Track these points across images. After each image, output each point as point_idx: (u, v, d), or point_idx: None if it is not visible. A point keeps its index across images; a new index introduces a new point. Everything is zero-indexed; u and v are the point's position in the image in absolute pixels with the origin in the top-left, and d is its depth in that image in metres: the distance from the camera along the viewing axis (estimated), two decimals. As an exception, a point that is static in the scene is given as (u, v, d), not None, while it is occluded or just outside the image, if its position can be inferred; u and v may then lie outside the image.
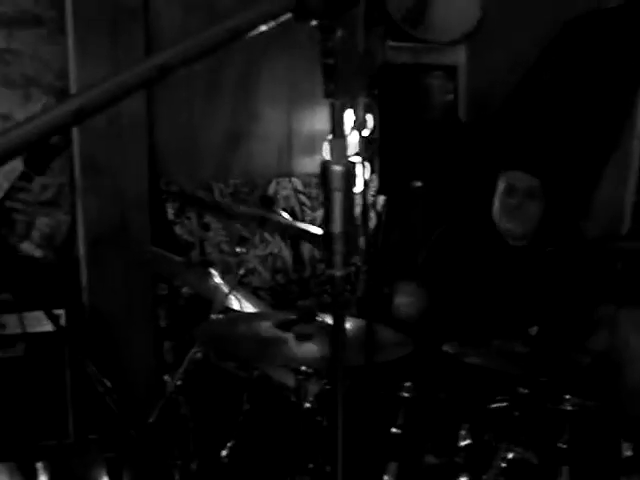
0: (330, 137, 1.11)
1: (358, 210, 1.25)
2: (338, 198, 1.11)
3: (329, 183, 1.11)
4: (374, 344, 2.01)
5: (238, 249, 3.23)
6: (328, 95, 1.09)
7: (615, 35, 3.85)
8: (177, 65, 0.98)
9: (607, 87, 3.85)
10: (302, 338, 1.95)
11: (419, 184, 3.80)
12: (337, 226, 1.12)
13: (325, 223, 1.14)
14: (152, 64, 0.98)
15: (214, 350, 2.55)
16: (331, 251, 1.14)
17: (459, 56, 4.25)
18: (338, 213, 1.11)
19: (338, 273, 1.16)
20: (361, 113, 2.77)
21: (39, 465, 3.03)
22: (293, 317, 2.04)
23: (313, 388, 2.32)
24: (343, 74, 1.09)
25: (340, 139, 1.11)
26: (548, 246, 3.03)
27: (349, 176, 1.11)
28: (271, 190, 3.88)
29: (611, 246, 2.79)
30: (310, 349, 2.04)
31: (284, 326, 2.00)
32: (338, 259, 1.14)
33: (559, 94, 3.97)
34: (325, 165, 1.11)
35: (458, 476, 2.20)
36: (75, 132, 3.42)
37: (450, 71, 4.13)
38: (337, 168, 1.10)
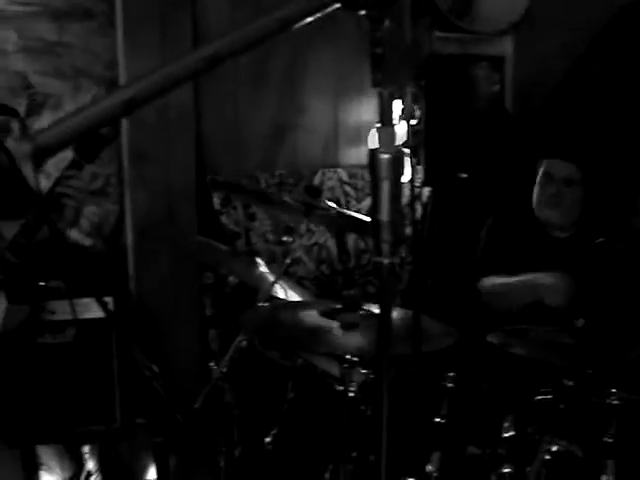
0: (378, 126, 1.12)
1: (405, 199, 1.26)
2: (386, 186, 1.12)
3: (377, 171, 1.12)
4: (420, 334, 2.01)
5: (284, 238, 3.25)
6: (376, 84, 1.10)
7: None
8: (225, 56, 1.00)
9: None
10: (347, 327, 1.97)
11: (465, 175, 3.78)
12: (385, 214, 1.13)
13: (373, 211, 1.15)
14: (201, 55, 0.99)
15: (259, 338, 2.57)
16: (378, 239, 1.15)
17: (506, 46, 4.21)
18: (386, 201, 1.12)
19: (385, 261, 1.17)
20: (409, 103, 2.76)
21: (87, 449, 3.10)
22: (338, 306, 2.06)
23: (358, 377, 2.33)
24: (391, 64, 1.09)
25: (388, 128, 1.11)
26: (596, 237, 2.99)
27: (397, 164, 1.12)
28: (317, 181, 3.90)
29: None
30: (355, 338, 2.05)
31: (329, 315, 2.02)
32: (385, 247, 1.15)
33: (608, 85, 3.91)
34: (373, 153, 1.12)
35: (501, 467, 2.19)
36: (124, 123, 3.47)
37: (497, 62, 4.10)
38: (385, 156, 1.11)
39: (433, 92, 3.82)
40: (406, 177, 3.69)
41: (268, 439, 2.67)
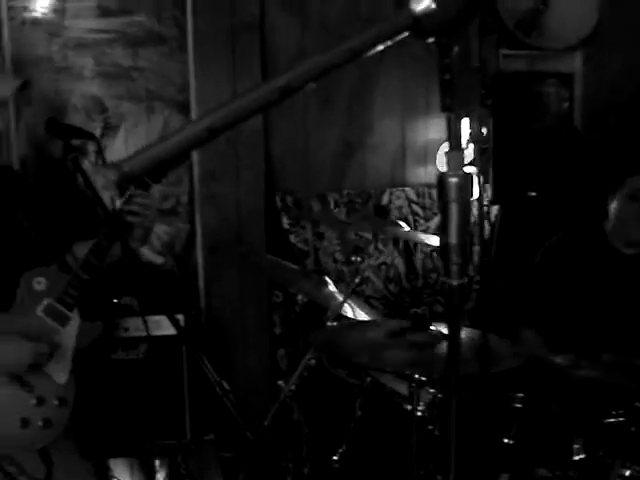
0: (446, 149, 1.13)
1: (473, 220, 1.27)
2: (454, 209, 1.13)
3: (445, 195, 1.13)
4: (489, 354, 2.01)
5: (353, 258, 3.27)
6: (445, 109, 1.12)
7: None
8: (297, 87, 1.02)
9: None
10: (415, 346, 1.98)
11: (533, 194, 3.75)
12: (453, 237, 1.15)
13: (441, 234, 1.17)
14: (273, 86, 1.02)
15: (327, 357, 2.59)
16: (447, 261, 1.16)
17: (575, 63, 4.17)
18: (454, 224, 1.14)
19: (454, 283, 1.18)
20: (476, 125, 2.77)
21: (157, 462, 3.16)
22: (406, 325, 2.07)
23: (425, 396, 2.34)
24: (458, 88, 1.11)
25: (456, 151, 1.13)
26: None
27: (465, 188, 1.14)
28: (385, 200, 3.91)
29: None
30: (424, 357, 2.06)
31: (397, 334, 2.03)
32: (454, 269, 1.16)
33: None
34: (441, 177, 1.13)
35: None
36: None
37: (565, 78, 4.06)
38: (453, 180, 1.12)
39: (500, 110, 3.81)
40: (474, 196, 3.66)
41: (336, 457, 2.69)
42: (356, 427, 2.69)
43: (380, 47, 1.04)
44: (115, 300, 3.09)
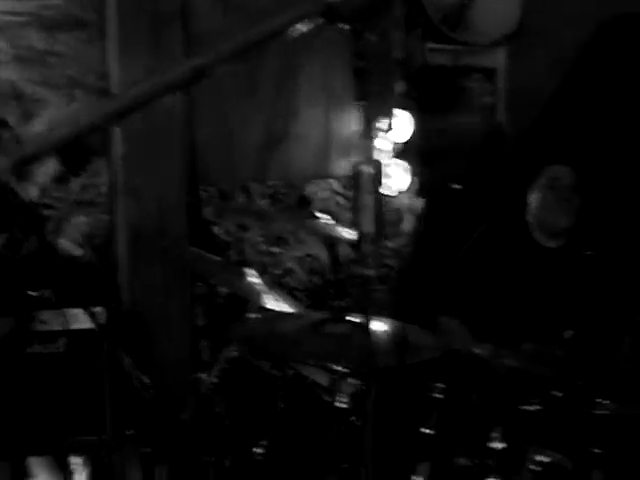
0: (360, 139, 1.12)
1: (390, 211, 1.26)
2: (368, 199, 1.12)
3: (359, 184, 1.12)
4: (406, 345, 2.01)
5: (274, 249, 3.25)
6: (359, 98, 1.10)
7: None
8: (215, 65, 1.00)
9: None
10: (334, 337, 1.96)
11: (458, 187, 3.79)
12: (367, 226, 1.13)
13: (356, 224, 1.15)
14: (190, 65, 1.00)
15: (249, 349, 2.57)
16: (362, 251, 1.15)
17: (498, 58, 4.22)
18: (368, 214, 1.13)
19: (369, 273, 1.17)
20: (393, 116, 2.78)
21: (76, 460, 3.08)
22: (325, 317, 2.06)
23: (347, 388, 2.33)
24: (374, 77, 1.10)
25: (370, 141, 1.12)
26: (585, 249, 3.01)
27: (379, 177, 1.13)
28: (309, 191, 3.90)
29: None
30: (343, 348, 2.04)
31: (317, 326, 2.02)
32: (369, 259, 1.15)
33: (599, 96, 3.92)
34: (355, 167, 1.12)
35: (489, 478, 2.19)
36: (115, 135, 3.47)
37: (489, 73, 4.11)
38: (367, 169, 1.11)
39: (425, 104, 3.83)
40: (399, 188, 3.71)
41: (258, 450, 2.67)
42: (278, 419, 2.68)
43: (295, 29, 1.02)
44: (32, 293, 3.00)
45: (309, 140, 3.93)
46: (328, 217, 2.76)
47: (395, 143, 3.76)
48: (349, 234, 2.83)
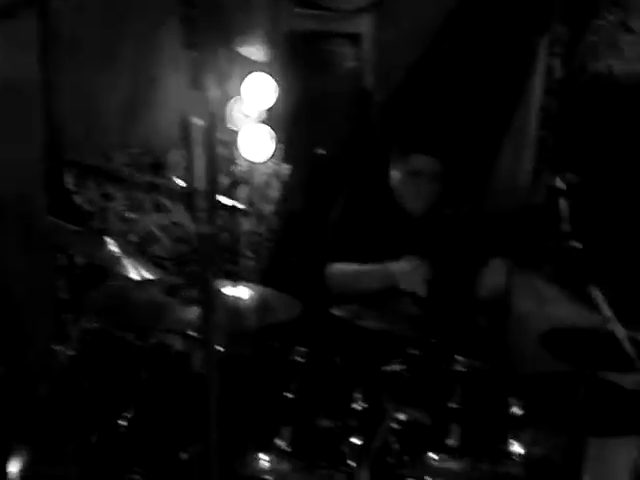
0: (189, 90, 1.08)
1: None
2: (199, 154, 1.08)
3: (190, 139, 1.08)
4: (264, 309, 2.00)
5: (128, 215, 3.17)
6: (187, 47, 1.06)
7: (509, 10, 3.88)
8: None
9: (503, 57, 3.90)
10: (188, 302, 1.93)
11: (322, 152, 3.79)
12: (200, 182, 1.10)
13: (188, 180, 1.12)
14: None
15: (106, 319, 2.49)
16: (194, 208, 1.12)
17: (365, 24, 4.22)
18: (200, 169, 1.09)
19: (204, 230, 1.14)
20: (224, 67, 2.73)
21: None
22: (181, 282, 2.02)
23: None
24: (204, 26, 1.06)
25: (200, 92, 1.08)
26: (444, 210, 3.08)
27: (211, 131, 1.09)
28: (171, 159, 3.80)
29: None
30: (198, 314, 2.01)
31: (172, 292, 1.97)
32: (202, 216, 1.12)
33: (459, 65, 4.00)
34: (185, 119, 1.08)
35: (351, 438, 2.21)
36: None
37: (355, 39, 4.10)
38: (197, 122, 1.07)
39: (291, 69, 3.80)
40: (264, 155, 3.65)
41: (122, 422, 2.61)
42: (142, 390, 2.62)
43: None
44: None
45: (170, 107, 3.82)
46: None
47: (259, 109, 3.72)
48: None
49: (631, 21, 3.07)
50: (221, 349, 2.30)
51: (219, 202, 0.98)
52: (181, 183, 2.61)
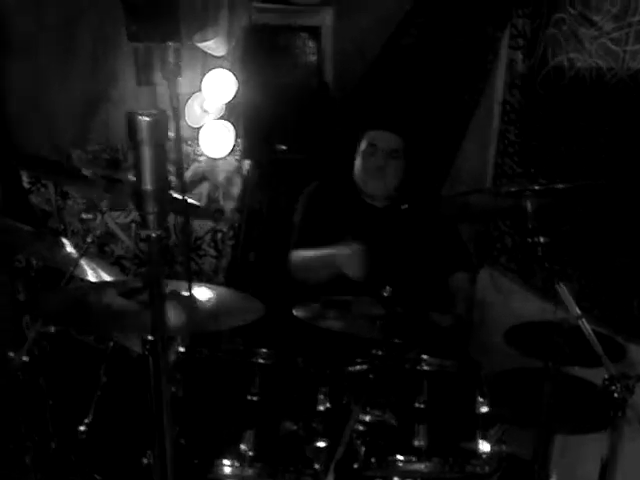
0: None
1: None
2: (147, 152, 1.02)
3: (137, 136, 1.02)
4: (225, 309, 1.95)
5: (84, 215, 3.09)
6: (131, 38, 1.00)
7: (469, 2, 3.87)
8: None
9: (463, 51, 3.88)
10: (145, 305, 1.86)
11: (283, 147, 3.74)
12: (148, 183, 1.04)
13: (136, 181, 1.06)
14: None
15: (62, 323, 2.41)
16: (143, 210, 1.06)
17: (325, 18, 4.18)
18: (148, 169, 1.03)
19: (153, 234, 1.08)
20: (173, 60, 2.65)
21: None
22: (138, 285, 1.95)
23: (170, 357, 2.23)
24: (148, 15, 1.00)
25: (147, 87, 1.02)
26: (403, 204, 3.05)
27: (159, 128, 1.03)
28: (131, 155, 3.73)
29: (459, 200, 2.80)
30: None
31: (129, 294, 1.90)
32: (151, 218, 1.06)
33: (420, 57, 3.97)
34: (131, 116, 1.02)
35: (315, 441, 2.16)
36: None
37: (315, 32, 4.05)
38: (145, 119, 1.01)
39: (251, 63, 3.74)
40: (224, 150, 3.58)
41: (82, 428, 2.55)
42: (102, 394, 2.56)
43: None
44: None
45: (130, 102, 3.74)
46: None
47: (219, 104, 3.66)
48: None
49: (592, 14, 3.06)
50: (182, 350, 2.26)
51: (174, 201, 0.93)
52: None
